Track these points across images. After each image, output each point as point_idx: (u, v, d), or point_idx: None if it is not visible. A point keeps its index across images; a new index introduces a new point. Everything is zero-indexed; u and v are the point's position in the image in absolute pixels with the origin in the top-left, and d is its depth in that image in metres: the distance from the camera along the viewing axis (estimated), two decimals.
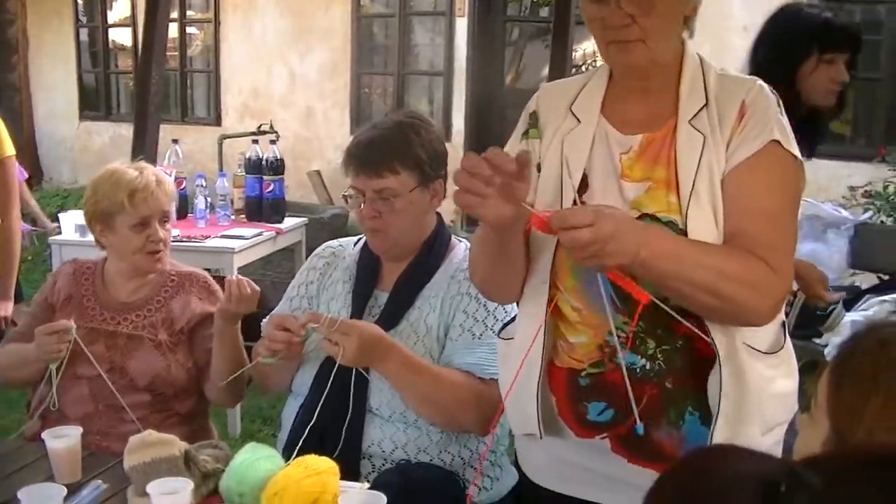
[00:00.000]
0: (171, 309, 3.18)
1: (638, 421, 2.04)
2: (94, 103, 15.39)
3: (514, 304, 2.34)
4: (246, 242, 5.47)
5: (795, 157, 2.08)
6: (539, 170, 2.20)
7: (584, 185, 2.13)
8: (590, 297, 2.11)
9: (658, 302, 1.96)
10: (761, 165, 2.03)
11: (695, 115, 2.07)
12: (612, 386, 2.11)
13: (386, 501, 2.12)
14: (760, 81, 2.12)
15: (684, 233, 2.02)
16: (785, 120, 2.09)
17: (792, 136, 2.09)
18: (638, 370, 2.09)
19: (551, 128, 2.21)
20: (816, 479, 0.74)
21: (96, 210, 3.14)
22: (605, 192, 2.11)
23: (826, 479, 0.74)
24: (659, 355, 2.08)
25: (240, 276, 2.95)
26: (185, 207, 5.92)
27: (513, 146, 2.27)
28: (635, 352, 2.09)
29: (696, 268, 1.94)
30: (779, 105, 2.10)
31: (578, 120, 2.18)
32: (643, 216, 2.06)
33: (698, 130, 2.06)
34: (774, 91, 2.12)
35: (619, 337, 2.08)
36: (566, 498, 2.25)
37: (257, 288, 2.95)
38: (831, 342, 4.73)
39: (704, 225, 2.02)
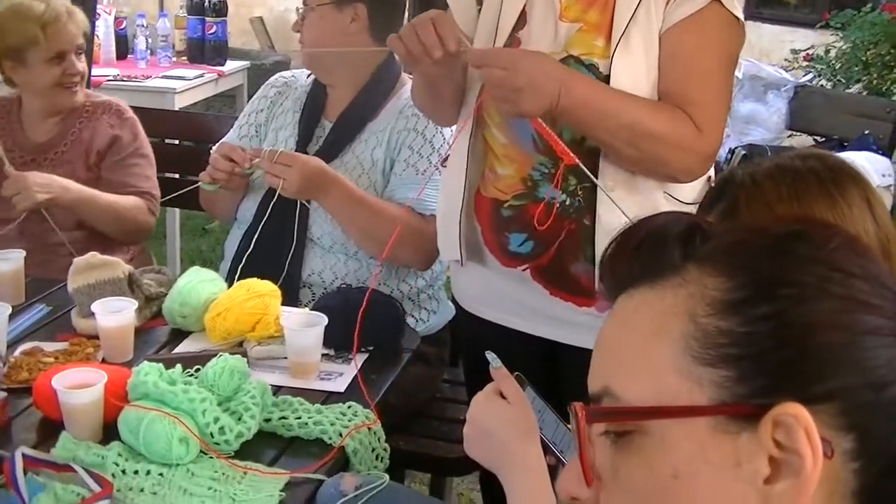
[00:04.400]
0: (84, 140, 3.13)
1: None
2: None
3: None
4: (187, 83, 5.40)
5: (737, 18, 2.08)
6: (479, 2, 2.21)
7: (522, 21, 2.14)
8: (515, 132, 2.15)
9: (582, 166, 2.01)
10: (700, 25, 2.03)
11: None
12: (533, 219, 2.15)
13: (327, 322, 2.18)
14: None
15: (606, 78, 2.04)
16: None
17: None
18: (558, 205, 2.13)
19: None
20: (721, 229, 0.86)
21: (5, 46, 3.04)
22: (542, 31, 2.12)
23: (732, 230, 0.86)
24: (580, 192, 2.11)
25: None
26: (124, 47, 5.83)
27: None
28: (557, 187, 2.13)
29: (617, 121, 1.98)
30: None
31: None
32: (569, 57, 2.07)
33: None
34: None
35: (541, 172, 2.13)
36: (496, 325, 2.31)
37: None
38: None
39: (630, 73, 2.03)
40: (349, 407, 2.02)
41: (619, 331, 0.86)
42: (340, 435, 1.93)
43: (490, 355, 1.64)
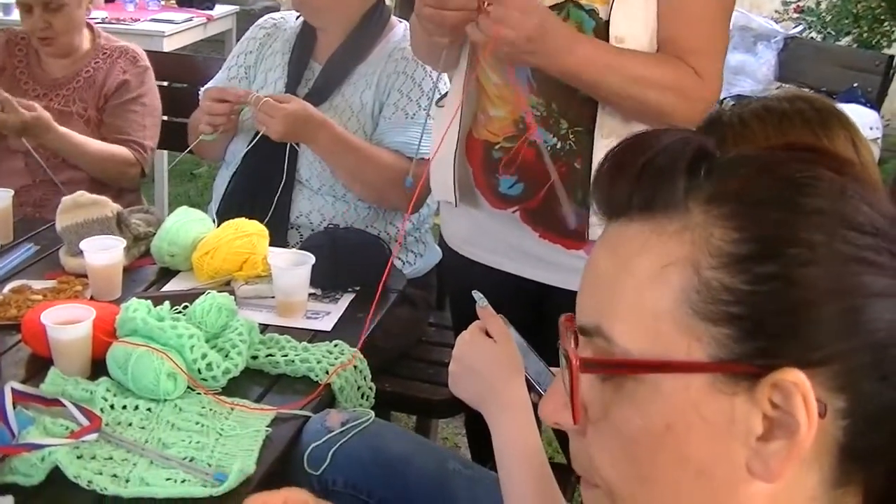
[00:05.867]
0: (97, 80, 3.18)
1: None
2: None
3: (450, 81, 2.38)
4: (176, 27, 5.39)
5: None
6: None
7: None
8: (507, 74, 2.14)
9: (542, 148, 2.05)
10: None
11: None
12: (524, 161, 2.16)
13: (314, 261, 2.19)
14: None
15: (605, 24, 2.03)
16: None
17: None
18: (549, 148, 2.13)
19: None
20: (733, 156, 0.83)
21: None
22: None
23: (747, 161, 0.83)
24: (571, 136, 2.11)
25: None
26: None
27: None
28: (549, 130, 2.12)
29: (620, 76, 1.99)
30: None
31: None
32: (567, 2, 2.06)
33: None
34: None
35: (533, 115, 2.13)
36: (484, 267, 2.33)
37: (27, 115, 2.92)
38: None
39: (629, 19, 2.03)
40: (335, 345, 2.04)
41: (615, 267, 0.83)
42: (327, 373, 1.95)
43: (476, 294, 1.65)
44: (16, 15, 5.61)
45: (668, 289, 0.79)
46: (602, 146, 2.07)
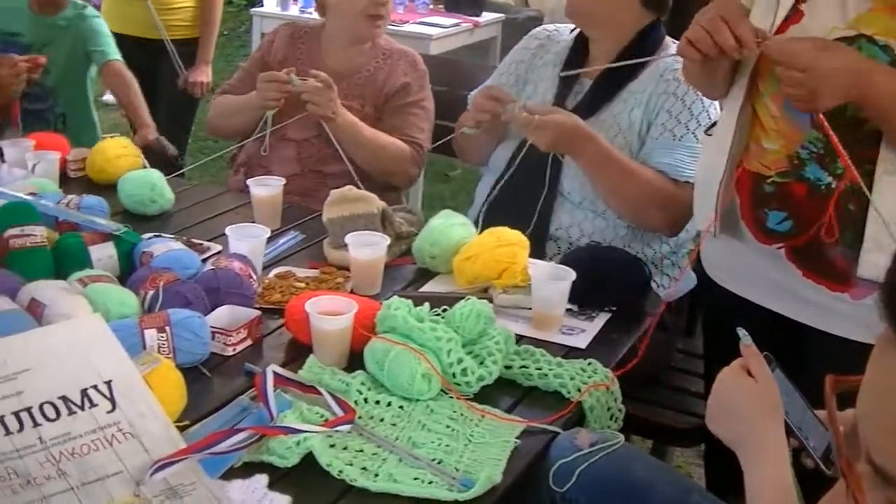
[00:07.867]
0: (378, 80, 3.24)
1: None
2: None
3: (720, 108, 2.33)
4: (443, 31, 5.49)
5: None
6: None
7: None
8: (788, 106, 2.08)
9: (863, 185, 1.95)
10: None
11: None
12: (795, 198, 2.09)
13: (575, 277, 2.17)
14: None
15: None
16: None
17: None
18: (823, 187, 2.05)
19: None
20: None
21: None
22: (827, 4, 2.03)
23: None
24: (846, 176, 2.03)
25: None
26: None
27: None
28: (824, 168, 2.05)
29: None
30: None
31: None
32: (860, 36, 1.98)
33: None
34: None
35: (810, 151, 2.06)
36: (742, 300, 2.27)
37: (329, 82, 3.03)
38: None
39: None
40: (589, 363, 2.01)
41: None
42: (579, 390, 1.93)
43: (741, 332, 1.61)
44: (293, 10, 5.89)
45: None
46: (887, 182, 1.97)
